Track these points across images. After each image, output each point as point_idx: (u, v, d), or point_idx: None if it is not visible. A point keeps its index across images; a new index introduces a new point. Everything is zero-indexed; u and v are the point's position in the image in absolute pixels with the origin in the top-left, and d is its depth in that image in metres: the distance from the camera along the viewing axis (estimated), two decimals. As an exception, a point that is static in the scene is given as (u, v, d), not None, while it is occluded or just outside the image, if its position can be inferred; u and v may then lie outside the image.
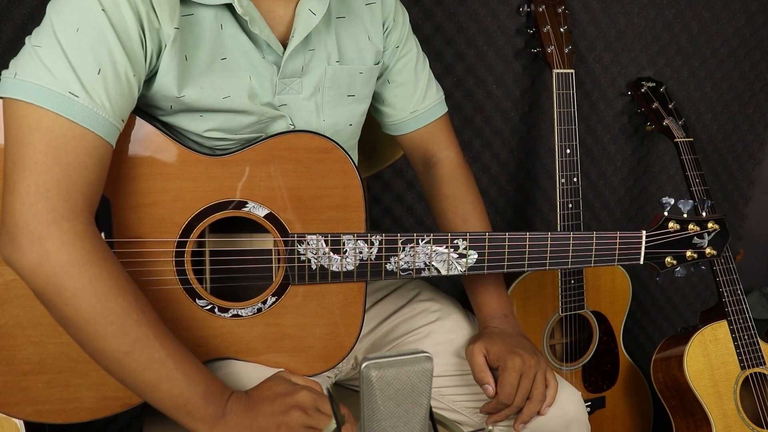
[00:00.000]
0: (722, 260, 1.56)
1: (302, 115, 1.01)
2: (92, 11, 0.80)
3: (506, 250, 1.04)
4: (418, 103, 1.16)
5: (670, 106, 1.69)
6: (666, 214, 1.11)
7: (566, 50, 1.52)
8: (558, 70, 1.51)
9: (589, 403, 1.68)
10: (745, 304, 1.57)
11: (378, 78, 1.14)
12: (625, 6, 1.72)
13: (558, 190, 1.50)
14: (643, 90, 1.72)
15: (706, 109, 1.91)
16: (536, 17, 1.53)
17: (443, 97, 1.20)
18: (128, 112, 0.85)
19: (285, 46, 0.95)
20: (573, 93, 1.51)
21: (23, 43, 1.27)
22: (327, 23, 1.00)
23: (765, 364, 1.57)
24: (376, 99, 1.17)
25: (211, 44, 0.90)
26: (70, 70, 0.79)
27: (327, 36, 1.00)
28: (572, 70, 1.52)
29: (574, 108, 1.51)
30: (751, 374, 1.57)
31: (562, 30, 1.53)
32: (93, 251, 0.80)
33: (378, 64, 1.09)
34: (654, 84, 1.74)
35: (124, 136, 0.88)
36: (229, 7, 0.90)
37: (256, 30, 0.90)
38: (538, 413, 1.04)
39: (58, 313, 0.81)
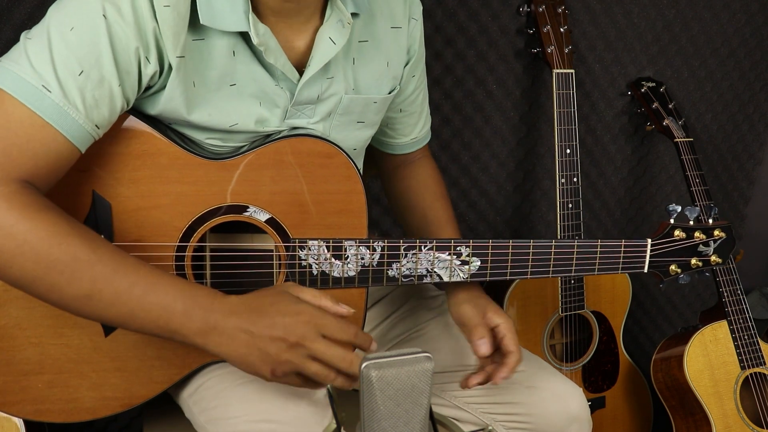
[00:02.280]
0: (722, 260, 1.56)
1: None
2: (92, 14, 0.79)
3: (509, 257, 1.03)
4: (418, 131, 1.19)
5: (670, 106, 1.69)
6: (672, 221, 1.10)
7: (566, 50, 1.52)
8: (558, 70, 1.51)
9: (589, 403, 1.67)
10: (745, 304, 1.57)
11: (392, 105, 1.13)
12: (625, 6, 1.71)
13: (558, 190, 1.50)
14: (643, 90, 1.72)
15: (706, 109, 1.91)
16: (536, 17, 1.53)
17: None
18: (106, 121, 0.84)
19: (301, 72, 0.93)
20: (573, 93, 1.51)
21: (23, 43, 1.27)
22: (348, 50, 0.97)
23: (765, 364, 1.57)
24: (382, 121, 1.15)
25: (221, 71, 0.89)
26: (50, 65, 0.78)
27: (346, 63, 0.98)
28: (572, 70, 1.52)
29: (574, 108, 1.51)
30: (751, 374, 1.57)
31: (562, 30, 1.53)
32: (23, 208, 0.77)
33: (392, 92, 1.07)
34: (654, 84, 1.74)
35: (125, 138, 0.88)
36: (244, 35, 0.88)
37: (272, 59, 0.89)
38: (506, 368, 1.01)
39: (6, 277, 0.79)
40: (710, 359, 1.54)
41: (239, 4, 0.85)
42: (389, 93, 1.06)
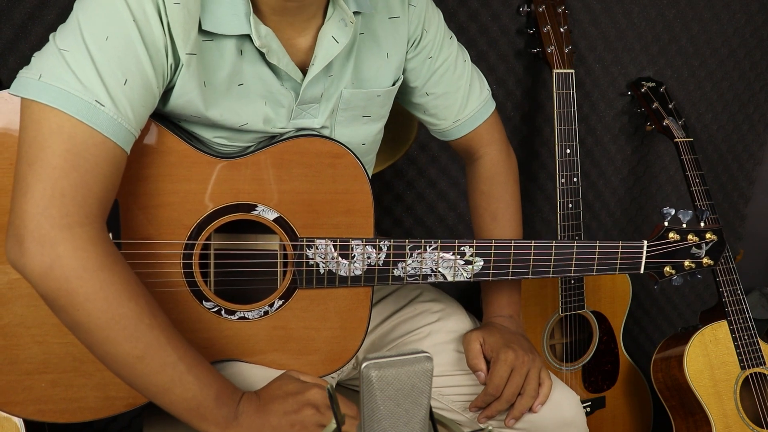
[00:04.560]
0: (722, 260, 1.56)
1: None
2: (123, 20, 0.79)
3: (511, 258, 1.05)
4: (459, 112, 1.14)
5: (670, 106, 1.69)
6: (666, 224, 1.13)
7: (566, 50, 1.52)
8: (558, 70, 1.51)
9: (589, 403, 1.68)
10: (745, 304, 1.57)
11: (415, 90, 1.12)
12: (625, 6, 1.72)
13: (558, 190, 1.50)
14: (643, 90, 1.72)
15: (706, 109, 1.91)
16: (536, 17, 1.53)
17: (489, 95, 1.17)
18: (146, 120, 0.86)
19: (305, 71, 0.94)
20: (573, 93, 1.51)
21: (23, 43, 1.27)
22: (349, 45, 0.97)
23: (765, 364, 1.57)
24: (418, 109, 1.16)
25: (230, 70, 0.89)
26: (98, 79, 0.78)
27: (346, 59, 0.98)
28: (572, 70, 1.52)
29: (574, 108, 1.51)
30: (751, 374, 1.57)
31: (562, 30, 1.53)
32: (105, 256, 0.80)
33: (395, 84, 1.06)
34: (654, 84, 1.74)
35: (135, 137, 0.88)
36: (249, 36, 0.88)
37: (274, 60, 0.89)
38: (530, 410, 1.04)
39: (68, 318, 0.80)
40: (710, 359, 1.54)
41: (240, 6, 0.85)
42: (392, 85, 1.05)
